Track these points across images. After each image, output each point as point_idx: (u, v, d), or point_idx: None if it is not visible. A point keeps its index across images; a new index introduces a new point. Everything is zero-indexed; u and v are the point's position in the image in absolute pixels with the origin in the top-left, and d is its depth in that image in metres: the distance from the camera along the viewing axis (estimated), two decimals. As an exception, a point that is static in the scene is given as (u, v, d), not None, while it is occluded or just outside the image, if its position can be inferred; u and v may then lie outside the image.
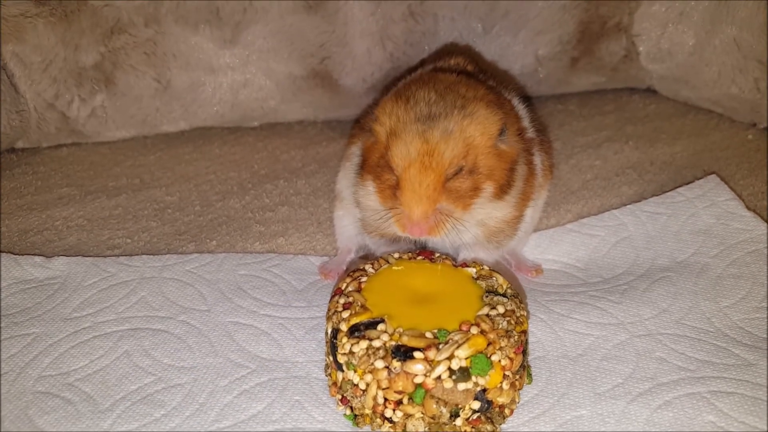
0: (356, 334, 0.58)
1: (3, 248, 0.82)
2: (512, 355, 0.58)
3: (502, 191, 0.66)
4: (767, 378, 0.61)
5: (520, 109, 0.76)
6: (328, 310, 0.63)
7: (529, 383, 0.63)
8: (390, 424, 0.57)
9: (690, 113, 1.07)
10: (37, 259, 0.78)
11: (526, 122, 0.75)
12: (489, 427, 0.58)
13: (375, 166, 0.66)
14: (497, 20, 1.03)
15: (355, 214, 0.76)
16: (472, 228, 0.67)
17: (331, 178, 0.91)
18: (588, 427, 0.58)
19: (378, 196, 0.66)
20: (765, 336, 0.66)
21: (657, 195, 0.86)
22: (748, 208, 0.81)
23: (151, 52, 0.99)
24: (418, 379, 0.55)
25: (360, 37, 1.01)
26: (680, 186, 0.86)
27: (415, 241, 0.73)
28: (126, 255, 0.81)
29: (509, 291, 0.63)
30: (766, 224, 0.79)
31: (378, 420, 0.58)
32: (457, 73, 0.74)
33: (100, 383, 0.63)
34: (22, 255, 0.79)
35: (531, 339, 0.68)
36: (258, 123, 1.10)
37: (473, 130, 0.63)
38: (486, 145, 0.64)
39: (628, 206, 0.85)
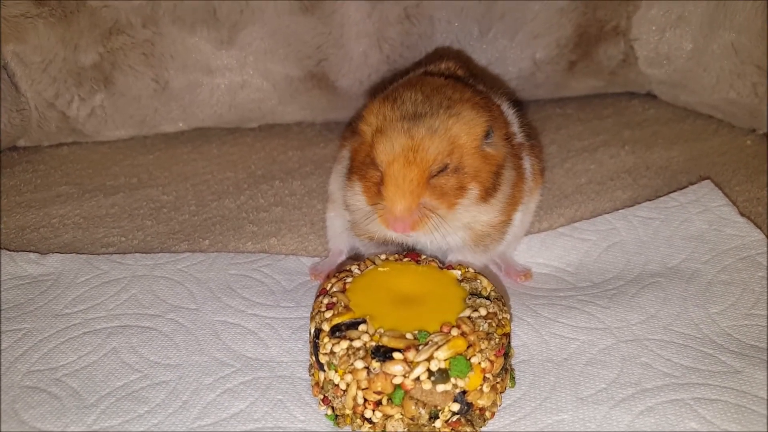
0: (337, 334, 0.59)
1: (0, 245, 0.83)
2: (493, 358, 0.58)
3: (487, 194, 0.66)
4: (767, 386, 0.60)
5: (510, 113, 0.75)
6: (312, 309, 0.63)
7: (512, 386, 0.63)
8: (370, 425, 0.57)
9: (689, 118, 1.06)
10: (32, 255, 0.79)
11: (515, 127, 0.75)
12: (469, 429, 0.58)
13: (361, 165, 0.66)
14: (494, 23, 1.03)
15: (346, 216, 0.76)
16: (458, 231, 0.68)
17: (327, 179, 0.91)
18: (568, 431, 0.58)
19: (364, 195, 0.66)
20: (752, 343, 0.66)
21: (651, 200, 0.85)
22: (742, 214, 0.81)
23: (149, 53, 1.00)
24: (397, 380, 0.55)
25: (356, 38, 1.01)
26: (674, 191, 0.86)
27: (404, 244, 0.73)
28: (119, 253, 0.82)
29: (493, 294, 0.63)
30: (759, 231, 0.78)
31: (358, 420, 0.58)
32: (447, 77, 0.74)
33: (86, 379, 0.64)
34: (18, 251, 0.80)
35: (517, 342, 0.68)
36: (256, 124, 1.10)
37: (458, 130, 0.63)
38: (471, 146, 0.64)
39: (620, 211, 0.84)
